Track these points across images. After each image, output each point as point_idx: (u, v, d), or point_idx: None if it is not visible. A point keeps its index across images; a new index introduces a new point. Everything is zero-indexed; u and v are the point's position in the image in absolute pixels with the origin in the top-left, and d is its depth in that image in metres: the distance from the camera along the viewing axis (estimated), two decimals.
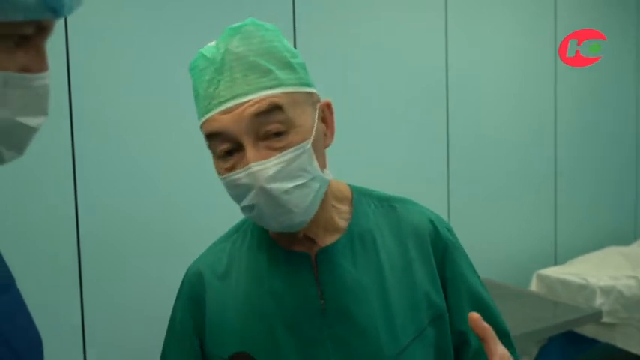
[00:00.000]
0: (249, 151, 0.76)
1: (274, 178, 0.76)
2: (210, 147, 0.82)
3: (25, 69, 0.55)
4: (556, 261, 3.20)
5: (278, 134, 0.77)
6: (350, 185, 0.96)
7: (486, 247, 2.85)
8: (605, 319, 2.55)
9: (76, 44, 1.77)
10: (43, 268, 1.72)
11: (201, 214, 2.00)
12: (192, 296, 0.92)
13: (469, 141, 2.80)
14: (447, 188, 2.74)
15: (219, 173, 0.82)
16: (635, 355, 2.59)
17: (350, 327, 0.84)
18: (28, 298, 0.62)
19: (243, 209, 0.82)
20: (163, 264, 1.93)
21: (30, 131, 0.57)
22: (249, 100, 0.76)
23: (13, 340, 0.53)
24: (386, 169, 2.47)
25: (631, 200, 3.65)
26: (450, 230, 0.96)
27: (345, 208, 0.92)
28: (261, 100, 0.76)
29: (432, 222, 0.94)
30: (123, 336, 1.86)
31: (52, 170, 1.75)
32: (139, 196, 1.90)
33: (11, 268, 0.62)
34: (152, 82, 1.92)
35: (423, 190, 2.59)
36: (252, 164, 0.76)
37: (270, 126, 0.77)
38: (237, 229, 0.97)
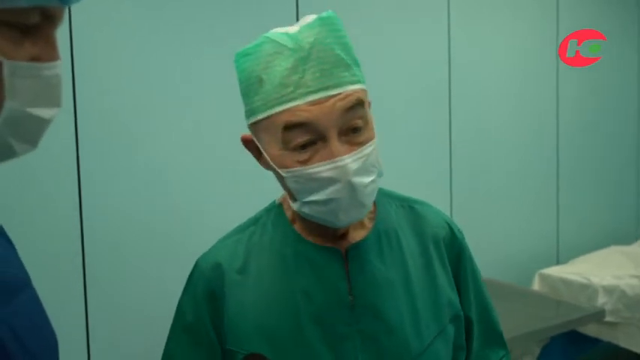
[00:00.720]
0: (335, 145, 0.76)
1: (358, 172, 0.77)
2: (279, 138, 0.78)
3: (35, 59, 0.53)
4: (558, 261, 3.20)
5: (356, 129, 0.78)
6: None
7: (488, 247, 2.85)
8: (607, 319, 2.54)
9: (81, 40, 1.77)
10: (47, 268, 1.72)
11: (205, 214, 2.00)
12: (209, 290, 0.88)
13: (471, 140, 2.80)
14: (450, 188, 2.74)
15: (287, 166, 0.79)
16: (638, 355, 2.58)
17: (378, 323, 0.84)
18: None
19: (311, 203, 0.79)
20: (168, 264, 1.93)
21: (42, 123, 0.55)
22: (340, 94, 0.76)
23: (28, 339, 0.53)
24: (388, 168, 2.46)
25: (633, 200, 3.65)
26: (461, 233, 0.99)
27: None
28: (350, 94, 0.77)
29: (447, 224, 0.97)
30: (127, 337, 1.86)
31: (56, 169, 1.75)
32: (144, 196, 1.90)
33: None
34: (158, 81, 1.92)
35: (425, 190, 2.58)
36: (342, 157, 0.76)
37: (354, 121, 0.78)
38: (255, 221, 0.95)
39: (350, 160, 0.76)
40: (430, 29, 2.64)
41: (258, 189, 2.09)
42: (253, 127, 0.82)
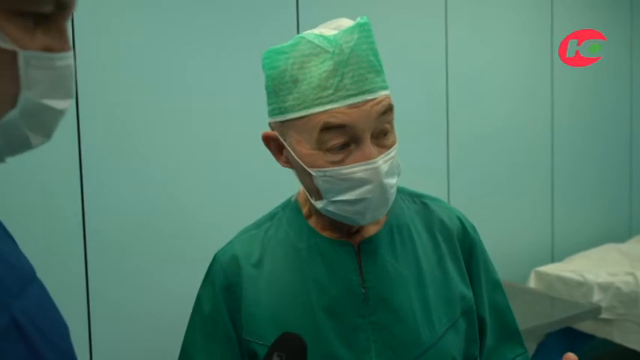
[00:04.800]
0: (369, 147, 0.79)
1: (387, 174, 0.81)
2: (316, 138, 0.79)
3: (47, 49, 0.53)
4: (553, 258, 3.23)
5: (385, 133, 0.82)
6: None
7: (485, 245, 2.86)
8: (603, 316, 2.57)
9: (82, 39, 1.77)
10: (49, 267, 1.73)
11: (208, 213, 2.01)
12: (226, 284, 0.91)
13: (468, 139, 2.82)
14: (447, 187, 2.76)
15: (319, 166, 0.80)
16: (633, 351, 2.61)
17: (390, 315, 0.87)
18: None
19: (340, 202, 0.82)
20: (171, 263, 1.93)
21: (57, 114, 0.55)
22: (375, 99, 0.79)
23: (44, 326, 0.54)
24: None
25: (626, 198, 3.68)
26: (474, 229, 1.01)
27: None
28: (383, 99, 0.81)
29: (460, 220, 0.99)
30: (129, 336, 1.87)
31: (58, 167, 1.75)
32: (146, 195, 1.90)
33: None
34: (162, 80, 1.92)
35: (423, 188, 2.59)
36: (375, 159, 0.79)
37: (385, 125, 0.82)
38: (271, 217, 0.97)
39: (382, 162, 0.80)
40: (428, 34, 2.65)
41: (261, 189, 2.10)
42: (280, 124, 0.84)
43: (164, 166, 1.94)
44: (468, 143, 2.81)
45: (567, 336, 2.57)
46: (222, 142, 2.03)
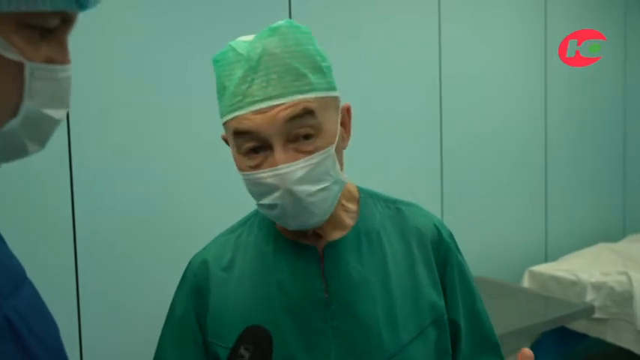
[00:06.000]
0: (278, 153, 0.77)
1: (301, 180, 0.78)
2: (233, 143, 0.82)
3: (50, 61, 0.55)
4: (547, 258, 3.24)
5: (307, 137, 0.79)
6: (358, 186, 0.99)
7: (479, 245, 2.87)
8: (596, 315, 2.58)
9: (73, 38, 1.76)
10: (39, 268, 1.72)
11: (199, 213, 2.00)
12: (196, 286, 0.93)
13: (462, 140, 2.82)
14: (441, 187, 2.76)
15: (241, 169, 0.83)
16: (626, 350, 2.62)
17: (352, 321, 0.86)
18: None
19: (262, 206, 0.83)
20: (161, 263, 1.93)
21: (54, 123, 0.57)
22: (284, 104, 0.77)
23: (35, 326, 0.55)
24: (379, 168, 2.49)
25: (619, 197, 3.69)
26: (451, 236, 0.99)
27: (352, 207, 0.94)
28: (295, 104, 0.77)
29: (435, 226, 0.96)
30: (119, 335, 1.86)
31: (48, 167, 1.75)
32: (136, 195, 1.90)
33: None
34: (151, 79, 1.92)
35: (416, 189, 2.61)
36: (281, 166, 0.77)
37: (301, 129, 0.78)
38: (244, 222, 0.99)
39: (288, 169, 0.77)
40: (421, 34, 2.66)
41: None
42: (224, 128, 0.86)
43: (155, 164, 1.94)
44: (461, 143, 2.82)
45: (561, 335, 2.58)
46: (214, 141, 2.01)
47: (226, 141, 0.88)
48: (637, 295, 2.52)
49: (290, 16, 2.18)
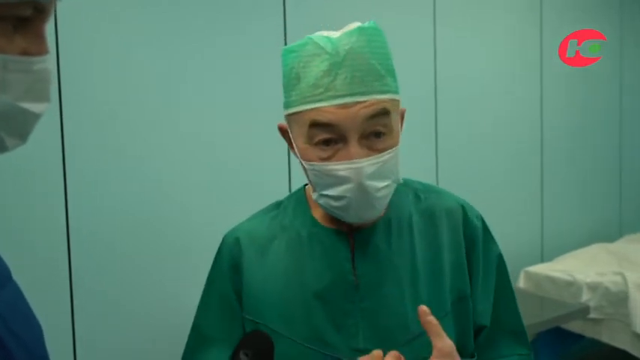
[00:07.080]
0: (354, 147, 0.82)
1: (372, 176, 0.83)
2: (304, 133, 0.84)
3: (25, 52, 0.54)
4: (542, 258, 3.24)
5: (378, 135, 0.84)
6: None
7: None
8: (591, 315, 2.58)
9: (67, 36, 1.76)
10: (32, 267, 1.71)
11: (193, 211, 2.00)
12: (231, 263, 0.97)
13: (457, 140, 2.82)
14: None
15: (310, 159, 0.86)
16: (621, 351, 2.62)
17: (379, 303, 0.90)
18: None
19: (326, 197, 0.86)
20: (156, 261, 1.92)
21: (33, 117, 0.56)
22: (366, 101, 0.82)
23: (17, 328, 0.54)
24: None
25: (615, 198, 3.70)
26: (479, 218, 1.03)
27: None
28: (376, 103, 0.82)
29: (462, 207, 1.02)
30: (113, 334, 1.85)
31: (41, 165, 1.73)
32: (130, 193, 1.89)
33: None
34: (145, 76, 1.91)
35: None
36: (357, 160, 0.82)
37: (376, 127, 0.84)
38: (277, 206, 1.03)
39: (366, 164, 0.82)
40: (416, 35, 2.65)
41: (247, 186, 2.09)
42: (288, 118, 0.89)
43: (149, 162, 1.93)
44: (456, 144, 2.82)
45: (556, 336, 2.58)
46: (208, 139, 2.01)
47: (283, 131, 0.92)
48: (632, 295, 2.52)
49: (284, 17, 2.17)
